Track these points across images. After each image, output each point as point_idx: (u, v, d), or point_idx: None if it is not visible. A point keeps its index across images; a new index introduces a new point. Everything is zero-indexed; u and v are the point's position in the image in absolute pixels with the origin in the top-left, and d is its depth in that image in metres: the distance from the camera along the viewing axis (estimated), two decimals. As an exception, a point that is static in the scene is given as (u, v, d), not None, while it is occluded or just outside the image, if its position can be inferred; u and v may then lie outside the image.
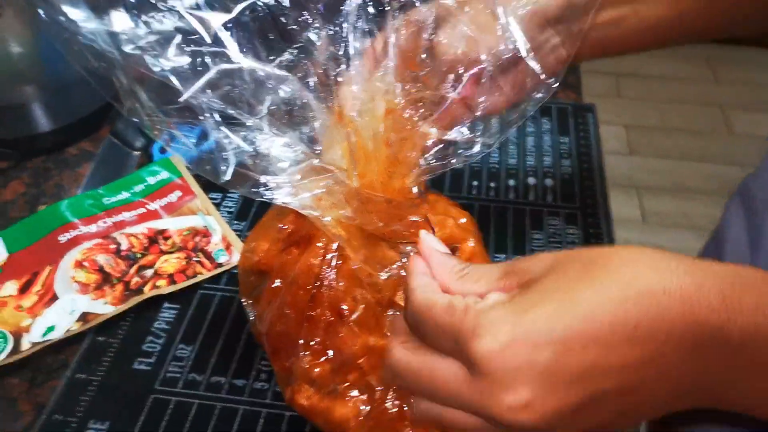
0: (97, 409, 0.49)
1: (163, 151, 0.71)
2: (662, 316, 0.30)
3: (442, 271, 0.37)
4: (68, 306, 0.55)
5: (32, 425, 0.48)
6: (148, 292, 0.56)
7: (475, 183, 0.68)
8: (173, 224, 0.62)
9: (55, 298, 0.56)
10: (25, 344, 0.52)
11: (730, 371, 0.31)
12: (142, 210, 0.63)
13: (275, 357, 0.46)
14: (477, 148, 0.45)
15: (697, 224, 1.82)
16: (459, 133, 0.45)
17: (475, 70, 0.45)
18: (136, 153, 0.71)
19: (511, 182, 0.68)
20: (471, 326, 0.32)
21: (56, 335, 0.53)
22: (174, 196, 0.64)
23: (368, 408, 0.43)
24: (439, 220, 0.46)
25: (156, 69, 0.39)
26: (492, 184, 0.68)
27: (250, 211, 0.65)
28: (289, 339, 0.44)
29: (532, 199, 0.66)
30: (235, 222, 0.64)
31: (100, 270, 0.58)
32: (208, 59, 0.39)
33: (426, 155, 0.43)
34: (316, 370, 0.43)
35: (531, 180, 0.69)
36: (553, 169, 0.70)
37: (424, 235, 0.40)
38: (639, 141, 2.16)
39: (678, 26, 0.53)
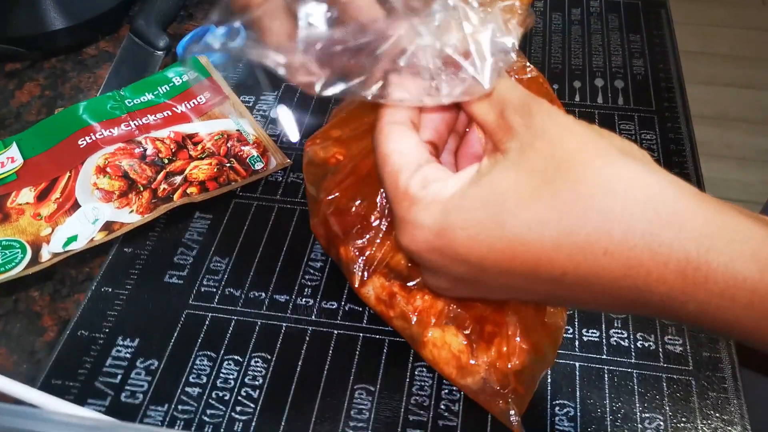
0: (126, 324, 0.45)
1: (189, 51, 0.65)
2: (599, 275, 0.27)
3: None
4: (91, 214, 0.50)
5: (56, 341, 0.44)
6: (177, 200, 0.51)
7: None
8: (203, 128, 0.56)
9: (76, 206, 0.51)
10: (45, 255, 0.48)
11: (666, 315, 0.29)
12: (168, 112, 0.57)
13: (342, 241, 0.41)
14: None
15: (744, 155, 1.73)
16: None
17: None
18: (159, 53, 0.65)
19: (577, 84, 0.61)
20: (401, 216, 0.30)
21: (78, 245, 0.48)
22: (203, 98, 0.58)
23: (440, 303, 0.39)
24: None
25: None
26: (555, 86, 0.61)
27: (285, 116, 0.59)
28: (363, 220, 0.40)
29: (601, 102, 0.59)
30: (270, 126, 0.58)
31: (125, 176, 0.52)
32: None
33: None
34: (397, 258, 0.39)
35: (599, 81, 0.61)
36: (624, 70, 0.62)
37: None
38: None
39: None
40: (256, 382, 0.42)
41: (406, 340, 0.42)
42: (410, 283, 0.40)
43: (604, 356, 0.43)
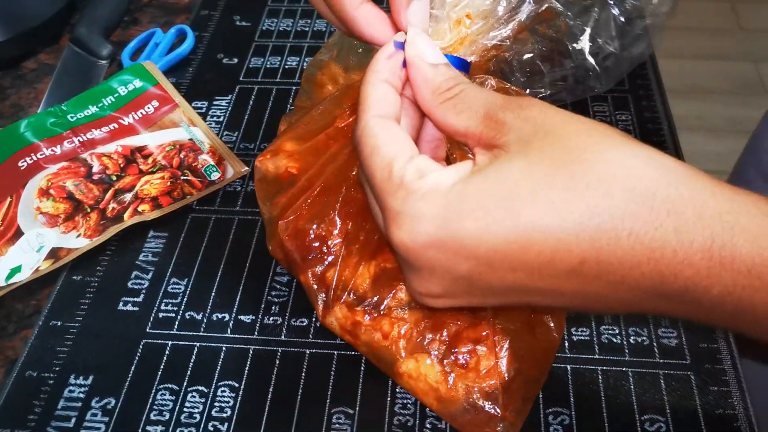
0: (79, 361, 0.41)
1: (135, 57, 0.61)
2: (621, 260, 0.25)
3: (424, 89, 0.30)
4: (35, 242, 0.46)
5: (2, 384, 0.40)
6: (128, 220, 0.47)
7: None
8: (152, 140, 0.52)
9: (18, 233, 0.47)
10: (-14, 290, 0.44)
11: (690, 314, 0.27)
12: (114, 125, 0.53)
13: (301, 269, 0.38)
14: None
15: (715, 126, 1.73)
16: None
17: None
18: (103, 62, 0.61)
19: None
20: (396, 208, 0.28)
21: (23, 277, 0.44)
22: (151, 107, 0.54)
23: (408, 327, 0.36)
24: None
25: None
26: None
27: (242, 120, 0.55)
28: (322, 242, 0.37)
29: (571, 83, 0.56)
30: (226, 133, 0.54)
31: (70, 197, 0.48)
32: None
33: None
34: (359, 281, 0.35)
35: (566, 62, 0.59)
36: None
37: (414, 36, 0.32)
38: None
39: None
40: (224, 414, 0.38)
41: (381, 369, 0.39)
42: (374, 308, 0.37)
43: (597, 356, 0.40)
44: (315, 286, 0.38)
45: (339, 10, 0.33)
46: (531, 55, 0.33)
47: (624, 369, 0.39)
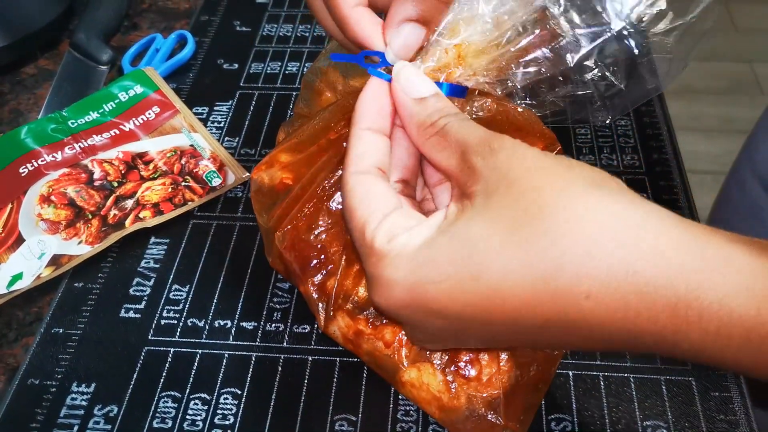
0: (81, 368, 0.41)
1: (135, 63, 0.61)
2: (584, 319, 0.25)
3: (410, 125, 0.31)
4: (36, 248, 0.46)
5: (4, 392, 0.40)
6: (129, 227, 0.47)
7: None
8: (154, 146, 0.52)
9: (20, 240, 0.47)
10: (-13, 297, 0.44)
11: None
12: (115, 131, 0.53)
13: (301, 279, 0.38)
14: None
15: (710, 126, 1.73)
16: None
17: None
18: (103, 68, 0.61)
19: (546, 72, 0.58)
20: (369, 272, 0.29)
21: (24, 284, 0.44)
22: (151, 113, 0.54)
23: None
24: None
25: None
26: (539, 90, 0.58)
27: (242, 125, 0.55)
28: (322, 251, 0.37)
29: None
30: (227, 139, 0.54)
31: (71, 204, 0.48)
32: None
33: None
34: (361, 289, 0.35)
35: (567, 87, 0.59)
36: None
37: (399, 69, 0.31)
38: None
39: None
40: (227, 421, 0.38)
41: (384, 378, 0.39)
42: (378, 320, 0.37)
43: (598, 362, 0.40)
44: (315, 296, 0.38)
45: (334, 7, 0.33)
46: (531, 74, 0.33)
47: (626, 375, 0.40)
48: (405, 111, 0.31)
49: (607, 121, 0.35)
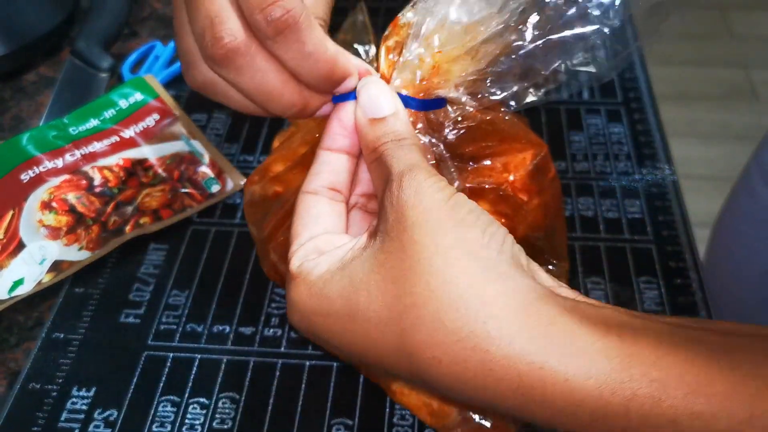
0: (81, 373, 0.41)
1: (135, 70, 0.62)
2: (438, 380, 0.26)
3: (362, 145, 0.32)
4: (37, 254, 0.47)
5: (6, 397, 0.41)
6: (129, 233, 0.48)
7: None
8: (153, 152, 0.53)
9: (21, 246, 0.47)
10: (-11, 303, 0.44)
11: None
12: (115, 138, 0.54)
13: None
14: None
15: (706, 131, 1.74)
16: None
17: None
18: (104, 75, 0.61)
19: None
20: (286, 288, 0.31)
21: (25, 289, 0.45)
22: (151, 120, 0.55)
23: None
24: None
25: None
26: (515, 88, 0.59)
27: (241, 133, 0.56)
28: None
29: (566, 98, 0.57)
30: (225, 145, 0.55)
31: (72, 210, 0.49)
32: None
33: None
34: None
35: (561, 76, 0.59)
36: (587, 62, 0.60)
37: (360, 88, 0.32)
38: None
39: None
40: (225, 426, 0.39)
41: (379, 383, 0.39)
42: None
43: (591, 367, 0.41)
44: None
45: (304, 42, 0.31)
46: (505, 71, 0.33)
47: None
48: (359, 131, 0.31)
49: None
